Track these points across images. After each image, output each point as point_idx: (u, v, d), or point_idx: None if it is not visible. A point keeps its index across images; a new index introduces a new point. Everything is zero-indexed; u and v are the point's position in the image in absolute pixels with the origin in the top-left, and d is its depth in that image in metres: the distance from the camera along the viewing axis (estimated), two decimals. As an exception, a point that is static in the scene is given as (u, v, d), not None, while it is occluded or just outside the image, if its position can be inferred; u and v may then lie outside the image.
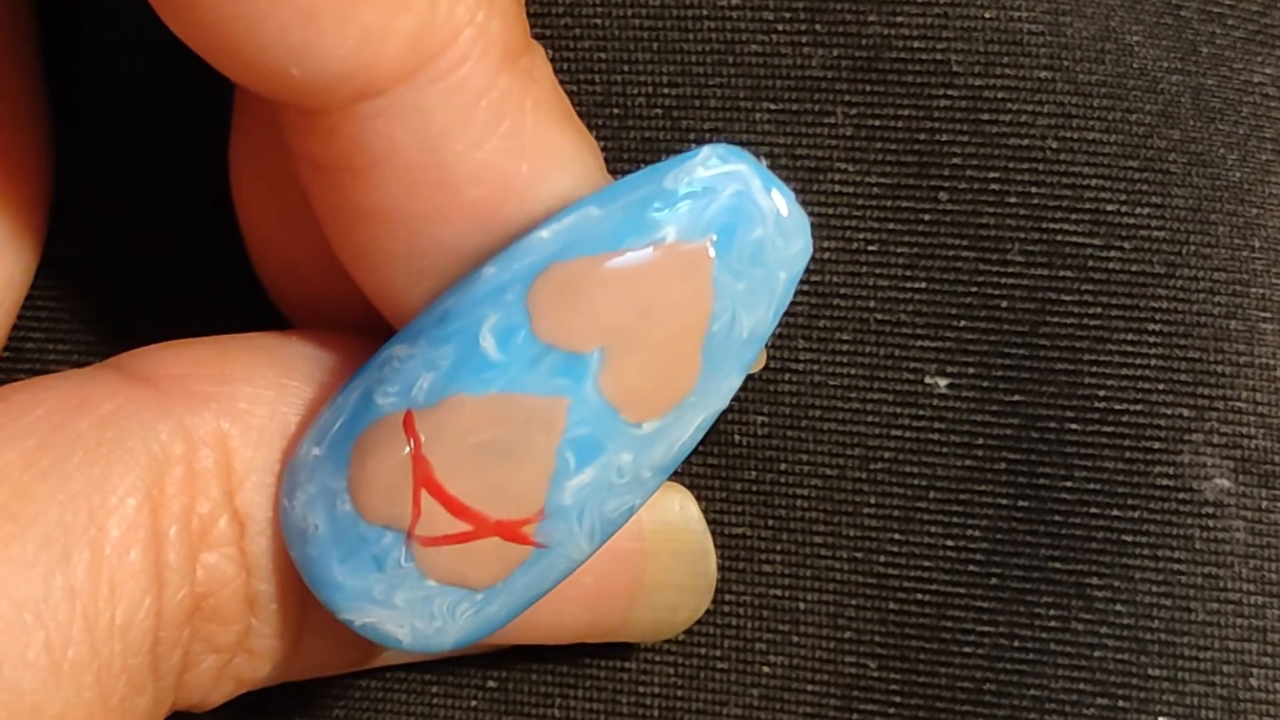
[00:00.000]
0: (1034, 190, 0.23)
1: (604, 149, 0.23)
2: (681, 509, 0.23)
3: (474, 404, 0.18)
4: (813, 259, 0.23)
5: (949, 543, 0.23)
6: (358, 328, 0.21)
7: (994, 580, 0.23)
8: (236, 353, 0.20)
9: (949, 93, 0.23)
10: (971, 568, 0.23)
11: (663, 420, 0.18)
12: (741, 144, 0.18)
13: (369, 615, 0.18)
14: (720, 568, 0.24)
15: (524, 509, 0.18)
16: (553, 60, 0.23)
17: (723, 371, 0.18)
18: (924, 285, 0.23)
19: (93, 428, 0.18)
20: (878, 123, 0.23)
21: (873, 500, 0.23)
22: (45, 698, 0.17)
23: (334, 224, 0.19)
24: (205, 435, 0.19)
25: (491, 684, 0.24)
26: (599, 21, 0.23)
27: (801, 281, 0.23)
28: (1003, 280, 0.23)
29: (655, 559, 0.22)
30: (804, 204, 0.23)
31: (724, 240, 0.18)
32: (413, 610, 0.18)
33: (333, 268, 0.20)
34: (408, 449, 0.18)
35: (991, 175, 0.23)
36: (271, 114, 0.19)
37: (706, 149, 0.18)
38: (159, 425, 0.18)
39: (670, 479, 0.23)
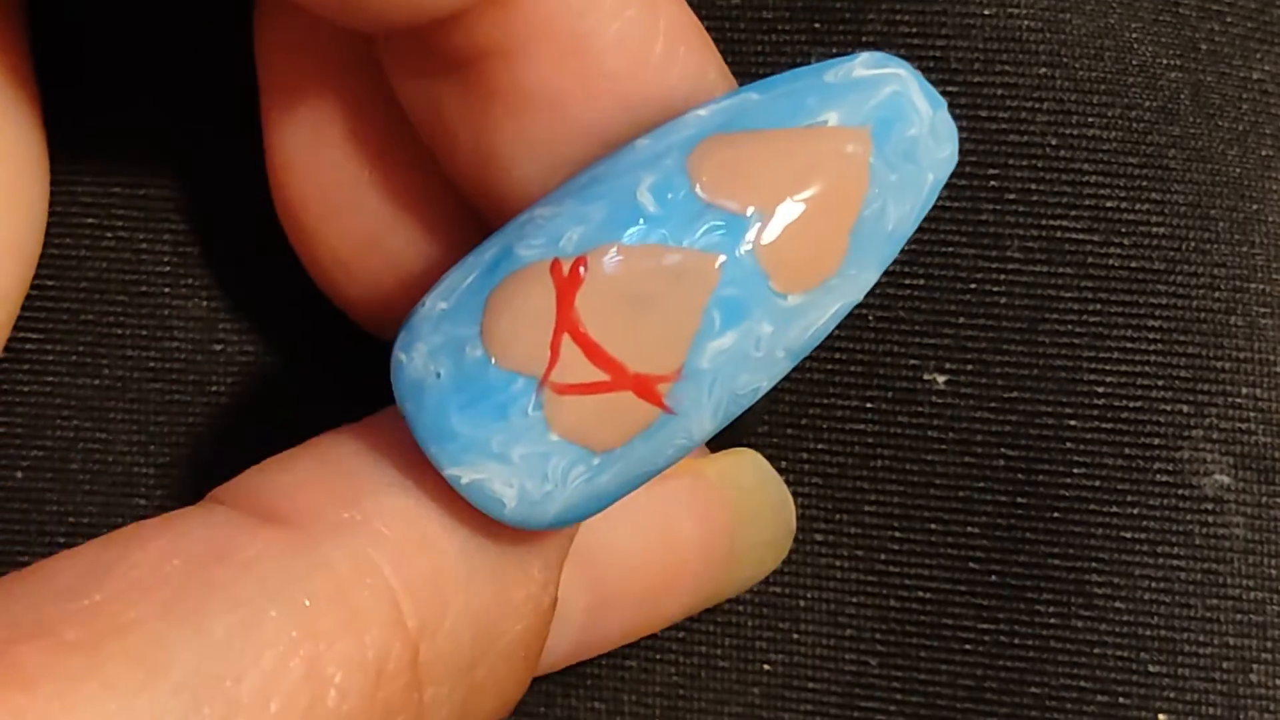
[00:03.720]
0: (1033, 187, 0.23)
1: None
2: (755, 466, 0.23)
3: (628, 253, 0.17)
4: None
5: (949, 540, 0.23)
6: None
7: (994, 577, 0.23)
8: (348, 463, 0.19)
9: (948, 89, 0.23)
10: (971, 565, 0.23)
11: (806, 296, 0.18)
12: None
13: (480, 471, 0.18)
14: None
15: (664, 365, 0.18)
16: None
17: (865, 260, 0.18)
18: (923, 282, 0.23)
19: (234, 575, 0.17)
20: (877, 120, 0.23)
21: (872, 498, 0.23)
22: None
23: (464, 131, 0.19)
24: (356, 568, 0.18)
25: (492, 683, 0.24)
26: (598, 20, 0.23)
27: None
28: (1002, 277, 0.23)
29: (745, 525, 0.23)
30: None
31: (881, 131, 0.18)
32: (527, 467, 0.18)
33: (389, 230, 0.20)
34: (553, 293, 0.18)
35: (990, 172, 0.23)
36: (330, 93, 0.20)
37: (865, 54, 0.18)
38: (302, 565, 0.17)
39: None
